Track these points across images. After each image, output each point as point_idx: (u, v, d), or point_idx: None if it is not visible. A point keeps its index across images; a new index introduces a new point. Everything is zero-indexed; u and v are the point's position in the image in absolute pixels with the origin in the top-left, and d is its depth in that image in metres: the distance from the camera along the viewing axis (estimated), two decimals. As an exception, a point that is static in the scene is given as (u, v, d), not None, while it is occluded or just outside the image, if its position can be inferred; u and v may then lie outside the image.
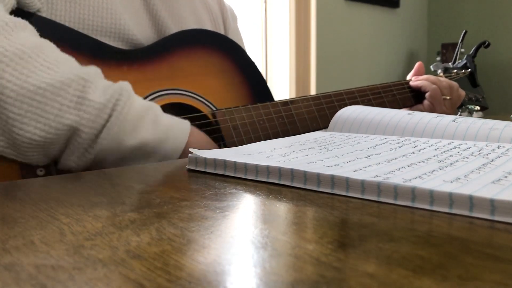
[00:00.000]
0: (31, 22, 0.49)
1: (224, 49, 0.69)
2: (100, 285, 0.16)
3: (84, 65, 0.48)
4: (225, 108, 0.62)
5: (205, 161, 0.36)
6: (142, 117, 0.48)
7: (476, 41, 1.00)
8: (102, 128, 0.45)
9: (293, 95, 2.30)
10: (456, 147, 0.37)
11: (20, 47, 0.43)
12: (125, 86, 0.48)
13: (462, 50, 1.02)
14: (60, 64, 0.45)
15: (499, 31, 2.67)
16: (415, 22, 2.94)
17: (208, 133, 0.59)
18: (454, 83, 0.85)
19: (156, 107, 0.50)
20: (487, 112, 1.00)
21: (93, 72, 0.47)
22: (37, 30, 0.49)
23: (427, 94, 0.82)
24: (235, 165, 0.34)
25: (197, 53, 0.66)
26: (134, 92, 0.49)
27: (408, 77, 0.89)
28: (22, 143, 0.43)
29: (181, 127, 0.51)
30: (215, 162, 0.36)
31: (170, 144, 0.49)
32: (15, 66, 0.42)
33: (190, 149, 0.39)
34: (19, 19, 0.47)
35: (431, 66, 0.99)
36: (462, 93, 0.87)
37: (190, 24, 0.70)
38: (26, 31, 0.47)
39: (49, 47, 0.46)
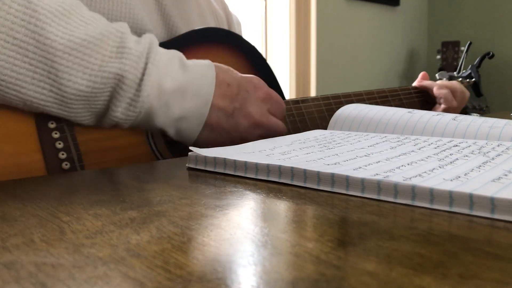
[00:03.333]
0: None
1: (238, 48, 0.71)
2: (100, 283, 0.16)
3: None
4: None
5: (205, 160, 0.36)
6: (171, 62, 0.50)
7: (476, 40, 1.01)
8: (143, 74, 0.47)
9: (293, 95, 2.30)
10: (456, 146, 0.37)
11: (61, 4, 0.46)
12: (152, 36, 0.51)
13: (464, 71, 1.03)
14: (96, 20, 0.48)
15: (499, 30, 2.67)
16: (415, 21, 2.94)
17: None
18: (458, 87, 0.87)
19: (177, 52, 0.53)
20: (488, 111, 1.02)
21: (125, 26, 0.50)
22: None
23: (442, 100, 0.84)
24: (235, 164, 0.34)
25: (212, 50, 0.67)
26: None
27: (413, 85, 0.90)
28: (70, 95, 0.45)
29: (204, 66, 0.53)
30: (215, 161, 0.36)
31: (201, 83, 0.51)
32: (59, 21, 0.45)
33: (190, 148, 0.39)
34: None
35: (437, 75, 1.01)
36: (467, 93, 0.88)
37: (198, 26, 0.71)
38: None
39: (82, 6, 0.49)
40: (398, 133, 0.48)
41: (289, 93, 2.32)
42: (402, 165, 0.30)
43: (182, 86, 0.49)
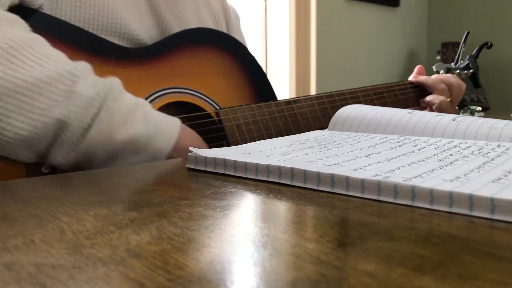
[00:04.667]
0: (32, 19, 0.49)
1: (227, 48, 0.70)
2: (100, 284, 0.16)
3: (86, 62, 0.48)
4: (229, 107, 0.62)
5: (205, 160, 0.36)
6: (132, 112, 0.47)
7: (476, 39, 1.00)
8: (92, 122, 0.44)
9: (293, 95, 2.30)
10: (456, 146, 0.37)
11: (7, 41, 0.43)
12: (114, 81, 0.48)
13: (463, 49, 1.01)
14: (49, 59, 0.45)
15: (500, 30, 2.67)
16: (415, 21, 2.94)
17: (211, 132, 0.60)
18: (454, 82, 0.85)
19: (145, 103, 0.50)
20: (488, 112, 1.00)
21: (83, 67, 0.47)
22: (38, 27, 0.49)
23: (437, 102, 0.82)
24: (235, 164, 0.34)
25: (201, 51, 0.66)
26: (137, 90, 0.49)
27: (409, 79, 0.89)
28: (10, 138, 0.42)
29: (171, 123, 0.51)
30: (215, 161, 0.36)
31: (160, 140, 0.49)
32: (2, 61, 0.42)
33: (190, 148, 0.39)
34: (8, 14, 0.47)
35: (434, 67, 0.99)
36: (463, 85, 0.86)
37: (193, 24, 0.70)
38: (15, 25, 0.46)
39: (38, 42, 0.46)
40: (398, 133, 0.48)
41: (289, 93, 2.32)
42: (402, 166, 0.30)
43: (136, 139, 0.47)
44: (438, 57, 2.70)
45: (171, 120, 0.51)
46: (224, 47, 0.69)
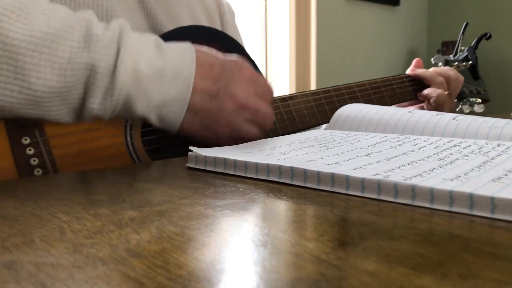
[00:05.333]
0: None
1: (221, 45, 0.69)
2: (100, 283, 0.16)
3: None
4: None
5: (205, 159, 0.36)
6: (145, 45, 0.48)
7: (475, 37, 0.99)
8: (116, 61, 0.45)
9: (293, 94, 2.30)
10: (456, 145, 0.37)
11: (16, 0, 0.43)
12: (122, 22, 0.48)
13: (463, 48, 1.01)
14: (57, 11, 0.45)
15: (500, 29, 2.67)
16: (415, 20, 2.94)
17: None
18: (452, 74, 0.84)
19: (152, 35, 0.50)
20: (488, 109, 0.99)
21: (90, 13, 0.47)
22: None
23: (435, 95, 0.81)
24: (235, 163, 0.34)
25: None
26: None
27: (407, 73, 0.88)
28: (42, 94, 0.42)
29: (184, 47, 0.51)
30: (215, 160, 0.35)
31: (181, 65, 0.49)
32: (17, 17, 0.42)
33: (190, 147, 0.39)
34: None
35: (432, 59, 0.98)
36: (461, 78, 0.86)
37: (186, 21, 0.70)
38: None
39: None
40: (398, 133, 0.48)
41: (289, 93, 2.32)
42: (402, 165, 0.30)
43: (160, 69, 0.47)
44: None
45: (182, 44, 0.51)
46: (218, 44, 0.69)
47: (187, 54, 0.49)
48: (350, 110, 0.54)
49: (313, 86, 2.33)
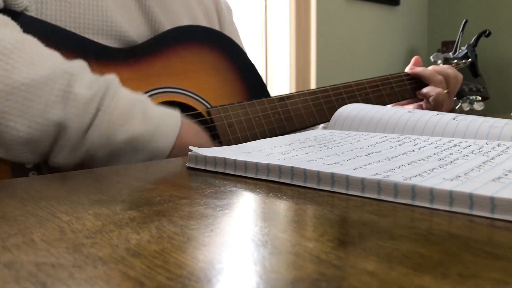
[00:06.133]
0: (17, 22, 0.48)
1: (218, 45, 0.69)
2: (100, 283, 0.16)
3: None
4: (220, 106, 0.61)
5: (205, 159, 0.36)
6: (130, 110, 0.46)
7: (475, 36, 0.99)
8: (90, 123, 0.44)
9: (293, 94, 2.30)
10: (456, 145, 0.37)
11: (1, 42, 0.42)
12: (111, 78, 0.47)
13: (462, 47, 1.00)
14: (44, 59, 0.44)
15: (500, 29, 2.67)
16: (415, 20, 2.94)
17: None
18: (451, 73, 0.84)
19: (144, 99, 0.49)
20: (488, 108, 0.99)
21: (79, 65, 0.46)
22: (24, 30, 0.48)
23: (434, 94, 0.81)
24: (235, 163, 0.34)
25: (191, 50, 0.65)
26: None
27: (405, 71, 0.88)
28: (9, 140, 0.42)
29: (171, 119, 0.50)
30: (215, 160, 0.36)
31: (160, 138, 0.48)
32: None
33: (190, 147, 0.39)
34: (1, 16, 0.46)
35: (431, 57, 0.97)
36: (460, 76, 0.85)
37: (184, 19, 0.69)
38: (7, 27, 0.46)
39: (32, 42, 0.45)
40: (398, 132, 0.48)
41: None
42: (402, 165, 0.30)
43: (136, 138, 0.46)
44: (438, 56, 2.69)
45: (171, 116, 0.50)
46: (215, 44, 0.68)
47: (170, 130, 0.48)
48: (350, 110, 0.54)
49: (313, 86, 2.33)
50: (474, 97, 0.94)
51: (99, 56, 0.56)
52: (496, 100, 2.48)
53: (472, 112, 0.88)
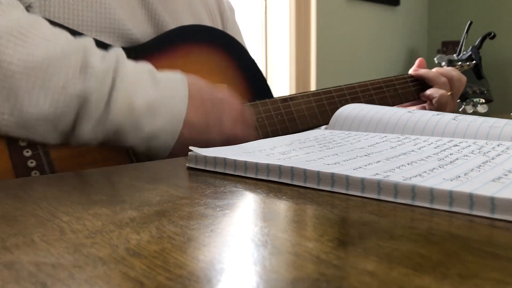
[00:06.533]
0: None
1: (222, 45, 0.69)
2: (100, 283, 0.16)
3: None
4: None
5: (205, 159, 0.36)
6: (140, 76, 0.48)
7: (477, 38, 0.99)
8: (110, 94, 0.45)
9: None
10: (456, 145, 0.37)
11: (17, 23, 0.43)
12: (119, 51, 0.49)
13: (465, 52, 1.00)
14: (57, 37, 0.45)
15: (501, 29, 2.67)
16: (416, 20, 2.94)
17: None
18: (455, 75, 0.84)
19: (148, 65, 0.51)
20: (490, 109, 0.99)
21: (89, 40, 0.48)
22: None
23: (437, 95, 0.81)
24: (235, 163, 0.34)
25: (194, 49, 0.65)
26: None
27: (409, 73, 0.88)
28: (33, 119, 0.43)
29: (177, 79, 0.51)
30: (215, 160, 0.35)
31: (173, 98, 0.49)
32: (16, 41, 0.42)
33: (190, 147, 0.39)
34: None
35: (435, 59, 0.97)
36: (463, 79, 0.85)
37: (187, 18, 0.69)
38: (18, 8, 0.47)
39: (43, 22, 0.47)
40: (398, 132, 0.48)
41: (289, 93, 2.32)
42: (402, 165, 0.30)
43: (153, 103, 0.47)
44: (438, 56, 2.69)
45: (176, 75, 0.52)
46: (218, 44, 0.68)
47: (181, 87, 0.50)
48: (350, 110, 0.54)
49: (313, 86, 2.33)
50: (477, 99, 0.94)
51: None
52: (496, 100, 2.48)
53: (475, 114, 0.88)
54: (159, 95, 0.48)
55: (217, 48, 0.68)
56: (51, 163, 0.47)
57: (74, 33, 0.55)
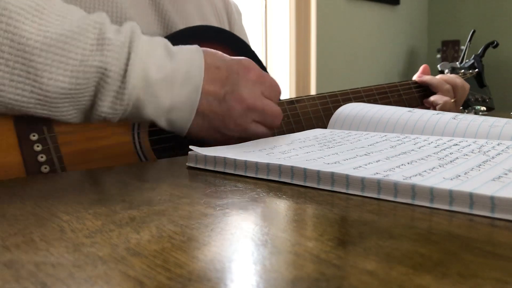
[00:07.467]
0: None
1: (230, 46, 0.69)
2: (100, 282, 0.16)
3: None
4: None
5: (205, 159, 0.36)
6: (155, 49, 0.48)
7: (477, 38, 0.99)
8: (126, 65, 0.45)
9: (294, 94, 2.30)
10: (456, 145, 0.37)
11: (31, 0, 0.44)
12: (133, 24, 0.49)
13: (467, 60, 1.01)
14: (72, 13, 0.46)
15: (501, 28, 2.67)
16: (416, 20, 2.94)
17: None
18: (459, 82, 0.85)
19: (162, 39, 0.51)
20: (492, 111, 1.00)
21: (103, 15, 0.48)
22: None
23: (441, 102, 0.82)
24: (235, 163, 0.34)
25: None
26: None
27: (413, 79, 0.89)
28: (53, 94, 0.43)
29: (191, 50, 0.51)
30: (215, 160, 0.35)
31: (190, 69, 0.49)
32: (32, 18, 0.43)
33: (190, 147, 0.39)
34: None
35: (438, 66, 0.98)
36: (467, 86, 0.87)
37: (195, 19, 0.70)
38: None
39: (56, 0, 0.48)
40: (398, 132, 0.48)
41: (289, 93, 2.32)
42: (402, 164, 0.30)
43: (169, 74, 0.47)
44: (438, 56, 2.69)
45: (190, 47, 0.52)
46: (226, 44, 0.69)
47: (196, 57, 0.50)
48: (350, 109, 0.54)
49: (313, 86, 2.33)
50: (479, 107, 0.95)
51: None
52: (496, 100, 2.48)
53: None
54: (174, 67, 0.48)
55: (224, 49, 0.69)
56: (61, 158, 0.48)
57: None
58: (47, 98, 0.43)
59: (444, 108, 0.81)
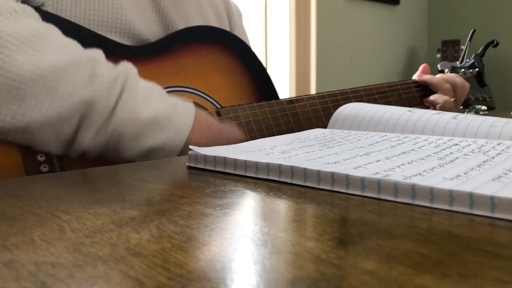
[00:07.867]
0: None
1: (230, 46, 0.69)
2: (100, 282, 0.16)
3: None
4: (230, 106, 0.62)
5: (205, 158, 0.36)
6: (150, 91, 0.49)
7: (477, 38, 0.99)
8: (116, 102, 0.46)
9: (294, 93, 2.30)
10: (456, 144, 0.37)
11: (30, 31, 0.44)
12: (130, 65, 0.50)
13: (467, 60, 1.01)
14: (67, 46, 0.46)
15: (501, 28, 2.67)
16: (416, 19, 2.94)
17: None
18: (459, 81, 0.85)
19: (158, 86, 0.51)
20: (492, 110, 1.00)
21: (99, 52, 0.49)
22: None
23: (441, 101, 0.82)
24: (235, 162, 0.34)
25: (203, 50, 0.66)
26: None
27: (413, 78, 0.89)
28: (35, 123, 0.43)
29: (185, 102, 0.52)
30: (215, 159, 0.35)
31: (180, 116, 0.50)
32: (26, 48, 0.43)
33: (190, 146, 0.39)
34: (26, 6, 0.49)
35: (438, 65, 0.98)
36: (467, 85, 0.87)
37: (196, 20, 0.70)
38: (33, 17, 0.48)
39: (55, 31, 0.48)
40: (398, 132, 0.48)
41: (289, 93, 2.32)
42: (402, 164, 0.30)
43: (159, 117, 0.48)
44: (438, 55, 2.69)
45: (185, 100, 0.53)
46: (226, 45, 0.69)
47: (188, 109, 0.51)
48: (350, 109, 0.54)
49: (313, 86, 2.33)
50: (479, 106, 0.95)
51: (111, 53, 0.56)
52: (497, 99, 2.48)
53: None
54: (166, 110, 0.49)
55: (224, 49, 0.69)
56: (61, 158, 0.48)
57: (86, 31, 0.55)
58: (28, 125, 0.43)
59: (444, 107, 0.81)
